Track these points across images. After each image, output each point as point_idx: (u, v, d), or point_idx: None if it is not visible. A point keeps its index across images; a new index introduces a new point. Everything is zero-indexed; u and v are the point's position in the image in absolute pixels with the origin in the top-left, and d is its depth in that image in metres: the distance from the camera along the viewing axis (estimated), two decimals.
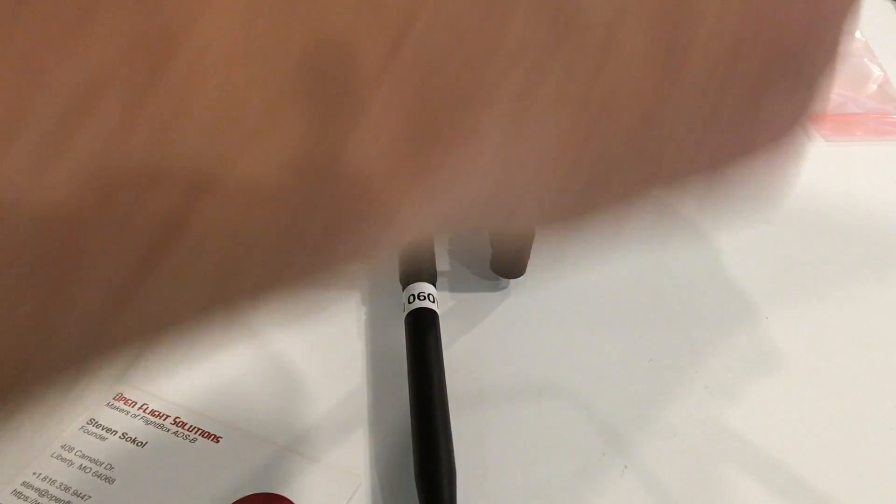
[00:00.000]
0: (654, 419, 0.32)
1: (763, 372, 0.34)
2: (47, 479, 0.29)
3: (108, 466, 0.30)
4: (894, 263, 0.39)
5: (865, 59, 0.54)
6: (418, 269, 0.35)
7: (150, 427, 0.31)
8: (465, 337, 0.35)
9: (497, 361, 0.34)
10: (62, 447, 0.31)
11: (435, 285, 0.35)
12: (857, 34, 0.57)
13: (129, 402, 0.32)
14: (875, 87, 0.52)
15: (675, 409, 0.32)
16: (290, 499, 0.29)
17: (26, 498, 0.29)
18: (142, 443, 0.31)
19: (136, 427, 0.31)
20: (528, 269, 0.37)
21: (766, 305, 0.37)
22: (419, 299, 0.34)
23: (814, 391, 0.33)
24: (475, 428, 0.32)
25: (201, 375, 0.34)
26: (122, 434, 0.31)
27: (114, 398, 0.32)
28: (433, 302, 0.34)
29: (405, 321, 0.34)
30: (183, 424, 0.31)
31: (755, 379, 0.34)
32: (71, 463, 0.30)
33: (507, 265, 0.37)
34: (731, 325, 0.36)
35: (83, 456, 0.30)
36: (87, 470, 0.30)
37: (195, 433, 0.31)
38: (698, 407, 0.32)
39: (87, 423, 0.32)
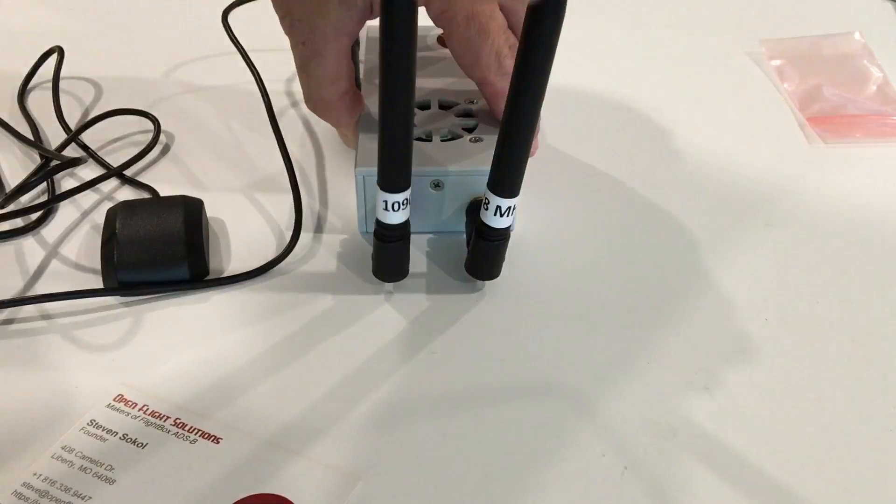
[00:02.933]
0: (654, 420, 0.32)
1: (763, 372, 0.34)
2: (48, 480, 0.29)
3: (109, 467, 0.30)
4: (894, 264, 0.39)
5: (865, 61, 0.54)
6: None
7: (151, 428, 0.31)
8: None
9: (485, 360, 0.34)
10: (62, 448, 0.31)
11: None
12: (857, 36, 0.57)
13: (130, 403, 0.32)
14: (874, 88, 0.52)
15: (675, 409, 0.32)
16: (290, 499, 0.29)
17: (27, 499, 0.29)
18: (142, 444, 0.31)
19: (136, 428, 0.31)
20: (503, 271, 0.37)
21: (766, 305, 0.37)
22: None
23: (814, 391, 0.33)
24: (475, 428, 0.32)
25: (201, 376, 0.34)
26: (123, 435, 0.31)
27: (114, 399, 0.32)
28: None
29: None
30: (183, 426, 0.31)
31: (755, 379, 0.34)
32: (71, 464, 0.30)
33: (482, 267, 0.37)
34: (731, 325, 0.36)
35: (83, 457, 0.30)
36: (88, 471, 0.30)
37: (195, 434, 0.31)
38: (698, 407, 0.32)
39: (88, 424, 0.32)
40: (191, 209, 0.39)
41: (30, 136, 0.48)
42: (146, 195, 0.43)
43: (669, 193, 0.44)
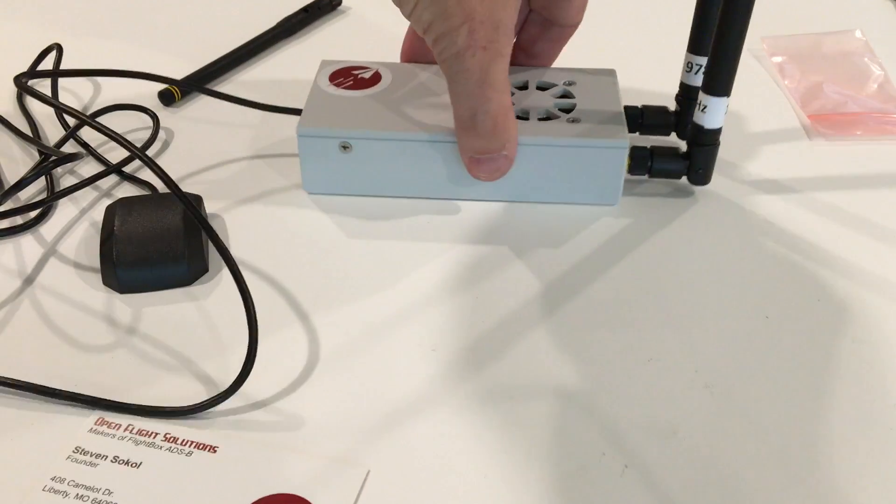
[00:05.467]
0: (654, 419, 0.32)
1: (763, 371, 0.34)
2: None
3: (107, 491, 0.29)
4: (894, 262, 0.39)
5: (866, 59, 0.54)
6: None
7: (142, 447, 0.31)
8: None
9: (485, 358, 0.34)
10: (53, 479, 0.29)
11: None
12: (858, 34, 0.57)
13: (113, 424, 0.31)
14: (875, 86, 0.52)
15: (675, 409, 0.32)
16: (304, 497, 0.29)
17: None
18: (136, 463, 0.30)
19: (126, 448, 0.31)
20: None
21: (766, 305, 0.37)
22: None
23: (814, 390, 0.33)
24: (474, 426, 0.32)
25: (198, 376, 0.34)
26: (114, 457, 0.30)
27: (95, 423, 0.31)
28: None
29: None
30: (174, 440, 0.31)
31: (755, 378, 0.34)
32: (66, 494, 0.29)
33: (705, 173, 0.42)
34: (731, 324, 0.36)
35: (77, 485, 0.29)
36: (85, 498, 0.29)
37: (189, 447, 0.31)
38: (698, 407, 0.32)
39: (74, 451, 0.30)
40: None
41: (29, 133, 0.48)
42: (145, 192, 0.43)
43: (670, 189, 0.44)
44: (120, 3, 0.62)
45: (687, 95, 0.44)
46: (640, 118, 0.45)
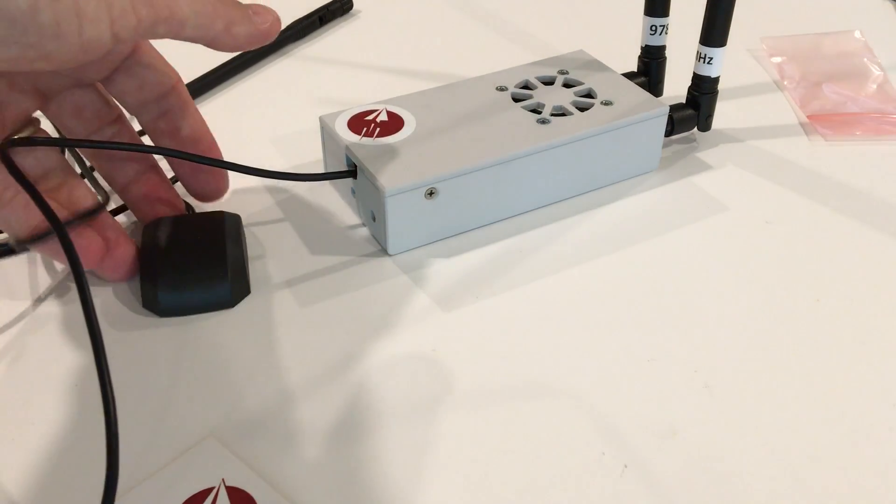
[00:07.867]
0: (654, 419, 0.32)
1: (763, 371, 0.34)
2: None
3: None
4: (893, 262, 0.39)
5: (865, 59, 0.54)
6: None
7: None
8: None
9: (486, 358, 0.34)
10: None
11: None
12: (857, 34, 0.57)
13: None
14: (875, 86, 0.52)
15: (675, 409, 0.32)
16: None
17: None
18: None
19: None
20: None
21: (766, 303, 0.37)
22: None
23: (814, 390, 0.33)
24: (474, 427, 0.32)
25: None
26: None
27: None
28: None
29: None
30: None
31: (755, 378, 0.34)
32: None
33: (708, 120, 0.47)
34: (731, 324, 0.36)
35: None
36: None
37: None
38: (698, 407, 0.32)
39: None
40: (231, 225, 0.38)
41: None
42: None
43: (671, 187, 0.44)
44: None
45: (651, 56, 0.47)
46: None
